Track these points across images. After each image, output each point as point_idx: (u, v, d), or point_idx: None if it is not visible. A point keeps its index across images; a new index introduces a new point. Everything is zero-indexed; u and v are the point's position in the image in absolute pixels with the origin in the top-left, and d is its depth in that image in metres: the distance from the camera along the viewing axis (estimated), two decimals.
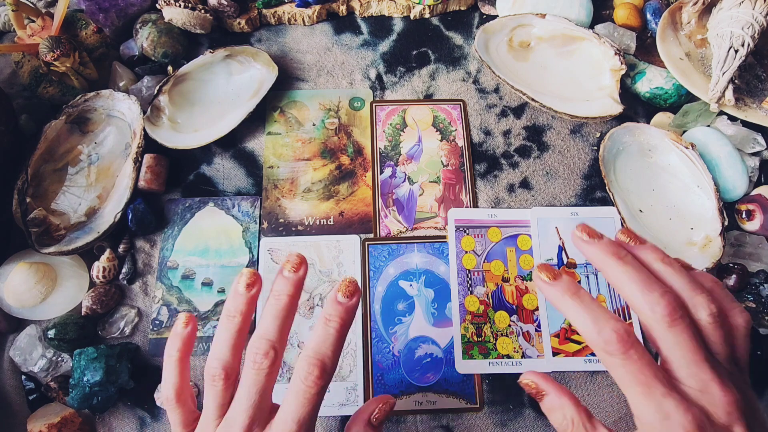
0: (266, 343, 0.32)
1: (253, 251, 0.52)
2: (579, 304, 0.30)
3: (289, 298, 0.33)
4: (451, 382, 0.48)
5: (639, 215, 0.53)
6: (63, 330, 0.47)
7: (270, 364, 0.32)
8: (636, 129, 0.55)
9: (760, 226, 0.51)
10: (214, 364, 0.33)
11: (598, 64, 0.58)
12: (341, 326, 0.33)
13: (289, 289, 0.33)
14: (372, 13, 0.64)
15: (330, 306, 0.33)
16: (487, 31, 0.59)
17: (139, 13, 0.60)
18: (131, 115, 0.55)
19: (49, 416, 0.45)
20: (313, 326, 0.49)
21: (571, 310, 0.30)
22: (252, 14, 0.61)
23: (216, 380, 0.33)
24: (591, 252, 0.32)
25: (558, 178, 0.56)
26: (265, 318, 0.33)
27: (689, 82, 0.54)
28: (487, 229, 0.53)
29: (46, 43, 0.53)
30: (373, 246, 0.53)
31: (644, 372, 0.28)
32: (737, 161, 0.53)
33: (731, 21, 0.53)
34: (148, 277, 0.51)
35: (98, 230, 0.50)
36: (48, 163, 0.53)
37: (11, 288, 0.48)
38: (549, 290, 0.31)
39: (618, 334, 0.28)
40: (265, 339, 0.32)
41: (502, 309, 0.50)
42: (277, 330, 0.33)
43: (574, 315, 0.30)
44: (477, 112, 0.59)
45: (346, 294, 0.33)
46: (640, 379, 0.28)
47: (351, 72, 0.61)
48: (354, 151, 0.57)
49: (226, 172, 0.56)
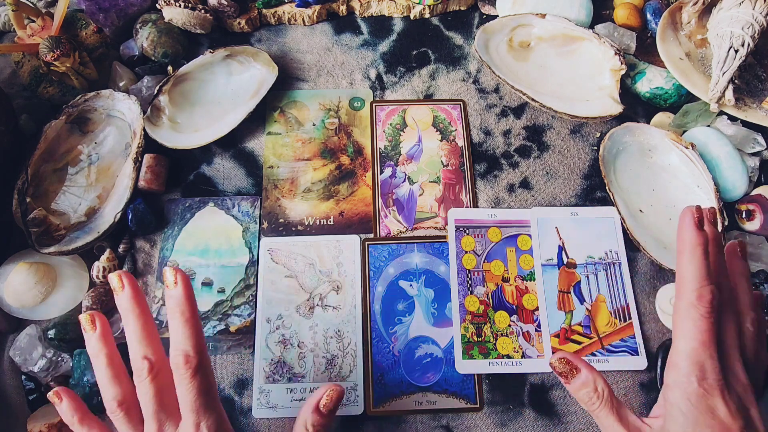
0: (140, 360, 0.36)
1: (253, 251, 0.52)
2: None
3: (135, 316, 0.37)
4: (451, 382, 0.48)
5: (639, 215, 0.53)
6: (63, 330, 0.47)
7: (147, 374, 0.36)
8: (636, 129, 0.55)
9: (760, 226, 0.51)
10: (110, 403, 0.36)
11: (598, 64, 0.58)
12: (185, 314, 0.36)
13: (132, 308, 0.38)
14: (372, 13, 0.64)
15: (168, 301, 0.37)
16: (487, 31, 0.59)
17: (139, 13, 0.60)
18: (131, 115, 0.55)
19: (49, 416, 0.45)
20: (312, 326, 0.50)
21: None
22: (252, 14, 0.61)
23: (117, 413, 0.36)
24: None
25: (558, 178, 0.56)
26: (130, 337, 0.37)
27: (689, 82, 0.54)
28: (487, 229, 0.53)
29: (46, 43, 0.53)
30: (373, 246, 0.53)
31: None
32: (737, 161, 0.53)
33: (731, 21, 0.53)
34: (148, 277, 0.51)
35: (98, 230, 0.50)
36: (48, 163, 0.53)
37: (11, 288, 0.48)
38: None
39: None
40: (139, 356, 0.36)
41: (502, 309, 0.50)
42: (146, 344, 0.37)
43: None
44: (477, 112, 0.59)
45: (174, 281, 0.36)
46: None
47: (351, 72, 0.61)
48: (354, 151, 0.57)
49: (226, 172, 0.56)
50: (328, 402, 0.38)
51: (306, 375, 0.48)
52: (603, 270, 0.51)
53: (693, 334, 0.33)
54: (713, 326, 0.33)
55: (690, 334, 0.33)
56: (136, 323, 0.37)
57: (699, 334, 0.32)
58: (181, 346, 0.35)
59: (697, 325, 0.33)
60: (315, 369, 0.48)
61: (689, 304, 0.33)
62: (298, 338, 0.49)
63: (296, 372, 0.48)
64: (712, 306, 0.33)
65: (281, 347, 0.49)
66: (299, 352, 0.49)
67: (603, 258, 0.52)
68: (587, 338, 0.49)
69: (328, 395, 0.38)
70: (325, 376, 0.48)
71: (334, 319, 0.50)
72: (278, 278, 0.51)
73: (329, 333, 0.49)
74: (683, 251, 0.35)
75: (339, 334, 0.49)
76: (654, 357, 0.48)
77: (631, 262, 0.52)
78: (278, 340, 0.49)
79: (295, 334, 0.49)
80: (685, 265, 0.34)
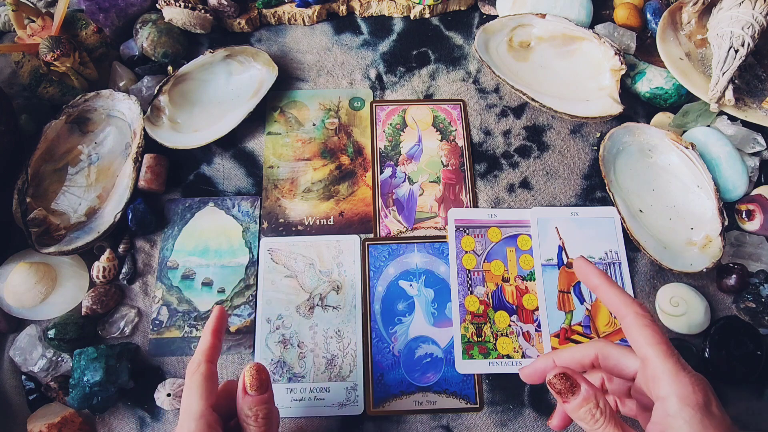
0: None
1: (253, 251, 0.52)
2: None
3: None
4: (451, 382, 0.48)
5: (639, 215, 0.53)
6: (63, 330, 0.47)
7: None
8: (636, 129, 0.55)
9: (760, 226, 0.51)
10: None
11: (598, 64, 0.58)
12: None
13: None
14: (372, 13, 0.64)
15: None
16: (487, 31, 0.59)
17: (139, 13, 0.60)
18: (131, 115, 0.55)
19: (49, 416, 0.45)
20: (312, 326, 0.49)
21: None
22: (252, 14, 0.61)
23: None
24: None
25: (558, 178, 0.56)
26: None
27: (689, 82, 0.54)
28: (487, 229, 0.53)
29: (46, 43, 0.53)
30: (373, 246, 0.53)
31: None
32: (737, 161, 0.53)
33: (731, 21, 0.53)
34: (148, 277, 0.51)
35: (98, 230, 0.50)
36: (48, 163, 0.53)
37: (11, 288, 0.48)
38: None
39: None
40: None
41: (502, 309, 0.50)
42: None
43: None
44: (477, 112, 0.59)
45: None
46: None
47: (351, 72, 0.61)
48: (354, 151, 0.57)
49: (226, 172, 0.56)
50: (252, 381, 0.37)
51: (306, 375, 0.48)
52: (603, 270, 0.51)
53: (655, 339, 0.33)
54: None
55: (653, 340, 0.33)
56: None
57: (660, 336, 0.33)
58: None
59: (654, 330, 0.33)
60: (315, 369, 0.48)
61: (636, 315, 0.34)
62: (298, 338, 0.49)
63: (296, 372, 0.48)
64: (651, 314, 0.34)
65: (281, 347, 0.49)
66: (299, 352, 0.49)
67: (603, 258, 0.52)
68: (587, 338, 0.49)
69: (249, 375, 0.37)
70: (325, 376, 0.48)
71: (334, 319, 0.50)
72: (278, 278, 0.51)
73: (329, 333, 0.49)
74: (599, 284, 0.37)
75: (339, 334, 0.49)
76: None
77: (631, 262, 0.52)
78: (278, 340, 0.49)
79: (295, 334, 0.49)
80: (609, 291, 0.36)
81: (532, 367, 0.39)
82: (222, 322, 0.41)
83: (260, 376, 0.37)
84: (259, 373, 0.37)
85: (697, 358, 0.48)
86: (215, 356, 0.39)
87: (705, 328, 0.49)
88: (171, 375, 0.48)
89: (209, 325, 0.40)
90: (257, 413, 0.37)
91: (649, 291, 0.51)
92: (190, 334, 0.49)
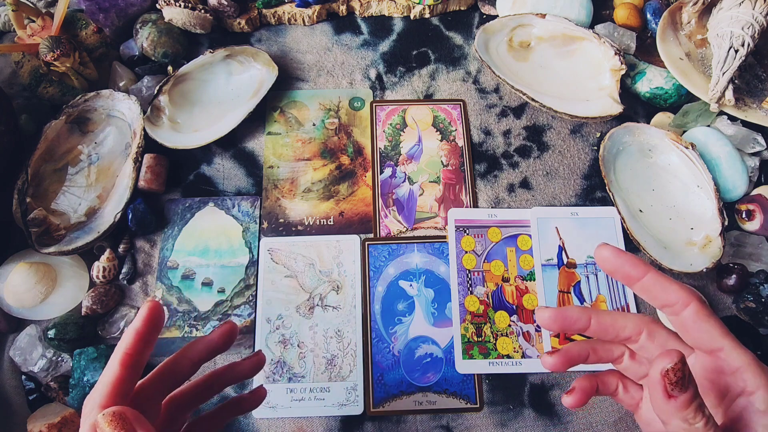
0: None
1: (253, 251, 0.52)
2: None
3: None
4: (451, 382, 0.48)
5: (639, 215, 0.53)
6: (63, 330, 0.47)
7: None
8: (636, 129, 0.55)
9: (760, 226, 0.51)
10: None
11: (598, 64, 0.58)
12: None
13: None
14: (372, 13, 0.64)
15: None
16: (487, 31, 0.59)
17: (139, 13, 0.60)
18: (131, 115, 0.55)
19: (49, 416, 0.45)
20: (312, 326, 0.49)
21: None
22: (252, 14, 0.61)
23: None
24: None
25: (558, 178, 0.56)
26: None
27: (689, 82, 0.54)
28: (487, 229, 0.53)
29: (46, 43, 0.53)
30: (373, 246, 0.53)
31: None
32: (737, 161, 0.53)
33: (731, 21, 0.53)
34: (148, 277, 0.51)
35: (98, 230, 0.50)
36: (48, 163, 0.53)
37: (11, 288, 0.48)
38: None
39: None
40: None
41: (502, 309, 0.50)
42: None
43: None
44: (477, 112, 0.59)
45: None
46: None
47: (351, 72, 0.61)
48: (354, 151, 0.57)
49: (226, 172, 0.56)
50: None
51: (306, 375, 0.48)
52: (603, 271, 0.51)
53: (726, 330, 0.30)
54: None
55: (724, 331, 0.30)
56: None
57: (727, 328, 0.30)
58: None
59: (721, 322, 0.31)
60: (315, 369, 0.48)
61: (702, 305, 0.31)
62: (298, 338, 0.49)
63: (296, 372, 0.48)
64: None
65: (281, 347, 0.49)
66: (299, 352, 0.49)
67: None
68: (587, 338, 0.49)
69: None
70: (325, 376, 0.48)
71: (334, 319, 0.50)
72: (278, 278, 0.51)
73: (329, 333, 0.49)
74: (649, 273, 0.32)
75: (339, 334, 0.49)
76: None
77: None
78: (278, 340, 0.49)
79: (295, 334, 0.49)
80: (665, 281, 0.32)
81: (561, 313, 0.33)
82: (149, 321, 0.31)
83: (122, 424, 0.26)
84: (118, 420, 0.26)
85: None
86: (130, 358, 0.30)
87: None
88: None
89: (134, 323, 0.31)
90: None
91: None
92: (190, 334, 0.49)
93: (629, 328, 0.33)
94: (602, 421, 0.47)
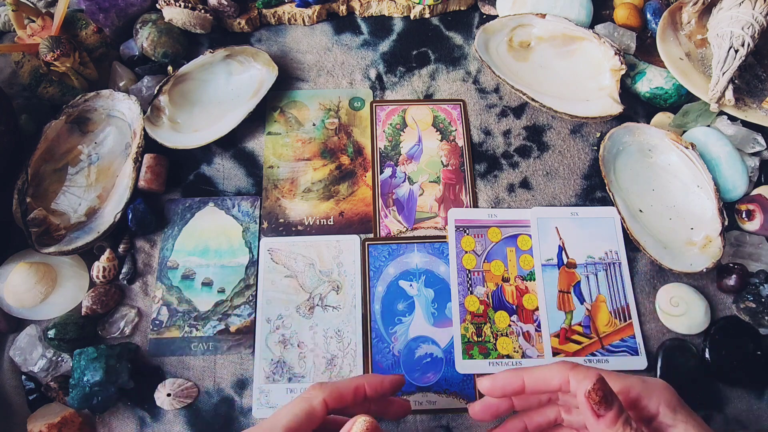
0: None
1: (253, 251, 0.52)
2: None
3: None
4: (451, 382, 0.48)
5: (639, 215, 0.53)
6: (63, 330, 0.47)
7: None
8: (636, 129, 0.55)
9: (760, 226, 0.51)
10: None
11: (598, 64, 0.58)
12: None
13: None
14: (372, 13, 0.64)
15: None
16: (487, 31, 0.59)
17: (139, 13, 0.60)
18: (131, 115, 0.55)
19: (49, 416, 0.45)
20: (312, 326, 0.49)
21: None
22: (252, 14, 0.61)
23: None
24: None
25: (558, 178, 0.56)
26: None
27: (689, 82, 0.54)
28: (487, 229, 0.53)
29: (46, 43, 0.53)
30: (373, 246, 0.53)
31: None
32: (737, 161, 0.53)
33: (731, 21, 0.53)
34: (148, 277, 0.51)
35: (98, 230, 0.50)
36: (48, 163, 0.53)
37: (11, 288, 0.48)
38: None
39: None
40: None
41: (502, 309, 0.50)
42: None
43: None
44: (477, 112, 0.59)
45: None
46: None
47: (351, 72, 0.61)
48: (354, 151, 0.57)
49: (226, 172, 0.56)
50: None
51: (306, 375, 0.48)
52: (603, 270, 0.51)
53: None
54: None
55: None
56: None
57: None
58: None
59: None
60: (315, 369, 0.48)
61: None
62: (298, 338, 0.49)
63: (296, 372, 0.48)
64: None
65: (281, 347, 0.49)
66: (299, 352, 0.49)
67: (603, 258, 0.52)
68: (587, 338, 0.49)
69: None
70: (325, 376, 0.48)
71: (334, 319, 0.50)
72: (278, 278, 0.51)
73: (329, 333, 0.49)
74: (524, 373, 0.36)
75: (339, 334, 0.49)
76: (654, 357, 0.48)
77: (631, 262, 0.52)
78: (278, 340, 0.49)
79: (295, 334, 0.49)
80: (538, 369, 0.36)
81: (495, 380, 0.36)
82: (386, 390, 0.37)
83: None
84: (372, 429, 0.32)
85: (697, 358, 0.48)
86: (338, 402, 0.35)
87: (705, 328, 0.49)
88: (171, 375, 0.48)
89: (372, 379, 0.37)
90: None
91: (649, 291, 0.51)
92: (190, 334, 0.49)
93: (556, 377, 0.34)
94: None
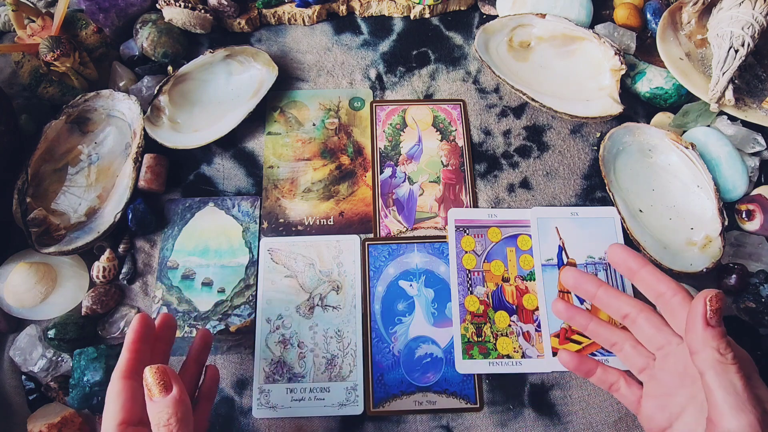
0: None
1: (253, 251, 0.52)
2: None
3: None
4: (451, 382, 0.48)
5: (639, 215, 0.53)
6: (63, 330, 0.47)
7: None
8: (636, 129, 0.55)
9: (760, 226, 0.51)
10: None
11: (598, 64, 0.58)
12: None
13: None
14: (372, 13, 0.64)
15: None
16: (487, 31, 0.59)
17: (139, 13, 0.60)
18: (131, 115, 0.55)
19: (49, 416, 0.45)
20: (312, 326, 0.49)
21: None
22: (252, 14, 0.61)
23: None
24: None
25: (558, 178, 0.56)
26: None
27: (689, 82, 0.54)
28: (487, 229, 0.53)
29: (46, 43, 0.53)
30: (373, 246, 0.53)
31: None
32: (737, 161, 0.53)
33: (731, 21, 0.53)
34: (148, 277, 0.51)
35: (98, 230, 0.50)
36: (48, 163, 0.53)
37: (11, 288, 0.48)
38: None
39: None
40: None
41: (502, 309, 0.50)
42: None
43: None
44: (477, 112, 0.59)
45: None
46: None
47: (351, 72, 0.61)
48: (354, 151, 0.57)
49: (226, 172, 0.56)
50: (154, 382, 0.33)
51: (306, 375, 0.48)
52: (603, 270, 0.51)
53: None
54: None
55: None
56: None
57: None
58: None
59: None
60: (315, 369, 0.48)
61: (686, 297, 0.38)
62: (298, 338, 0.49)
63: (296, 372, 0.48)
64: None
65: (281, 347, 0.49)
66: (299, 352, 0.49)
67: (603, 258, 0.52)
68: (587, 338, 0.49)
69: (150, 376, 0.33)
70: (325, 376, 0.48)
71: (334, 319, 0.50)
72: (278, 278, 0.51)
73: (329, 333, 0.49)
74: (645, 267, 0.40)
75: (339, 334, 0.49)
76: None
77: None
78: (278, 340, 0.49)
79: (295, 334, 0.49)
80: (657, 274, 0.39)
81: (580, 276, 0.43)
82: (140, 333, 0.38)
83: (163, 375, 0.33)
84: (161, 373, 0.33)
85: None
86: (130, 370, 0.36)
87: None
88: None
89: (126, 338, 0.38)
90: (170, 421, 0.32)
91: None
92: (190, 334, 0.49)
93: (629, 304, 0.40)
94: (602, 421, 0.47)
